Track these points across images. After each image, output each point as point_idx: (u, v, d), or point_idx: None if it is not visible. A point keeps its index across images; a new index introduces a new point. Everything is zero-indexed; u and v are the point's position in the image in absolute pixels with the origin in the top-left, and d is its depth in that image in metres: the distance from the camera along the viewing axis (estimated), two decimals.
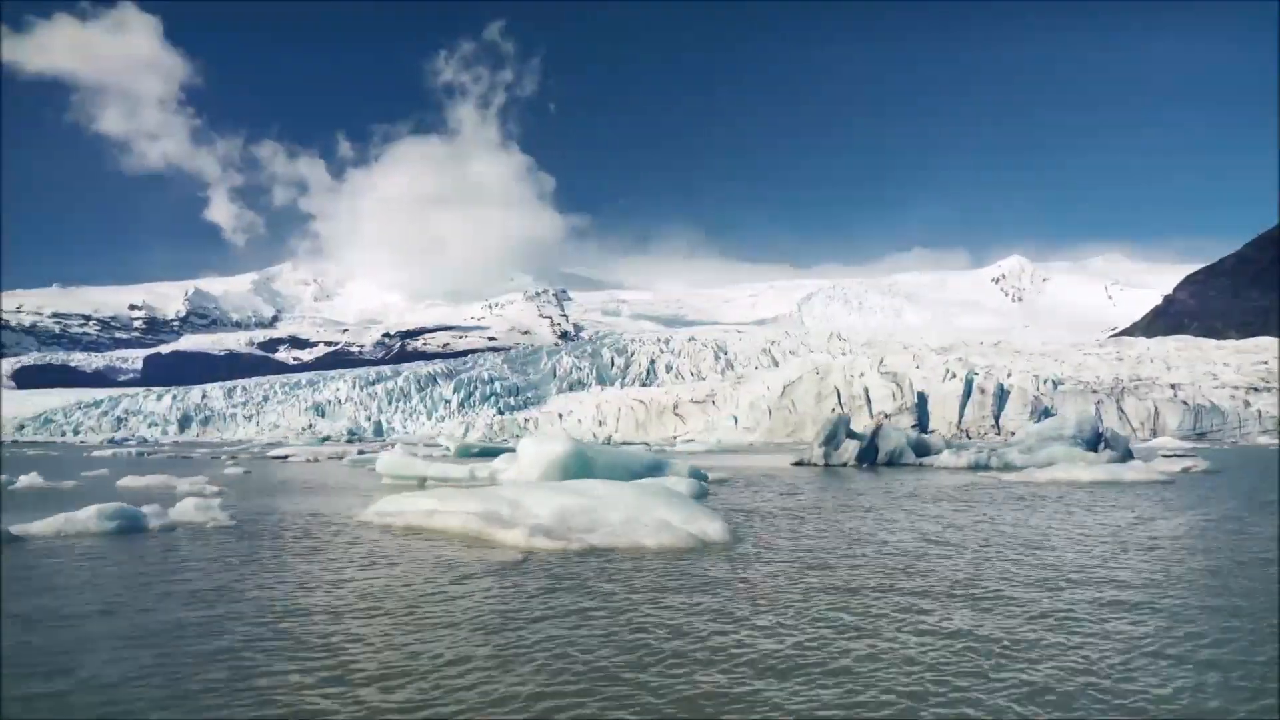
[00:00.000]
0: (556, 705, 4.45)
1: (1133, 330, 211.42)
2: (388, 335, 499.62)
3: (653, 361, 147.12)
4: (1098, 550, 9.14)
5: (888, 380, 75.13)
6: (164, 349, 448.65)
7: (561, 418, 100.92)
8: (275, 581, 7.73)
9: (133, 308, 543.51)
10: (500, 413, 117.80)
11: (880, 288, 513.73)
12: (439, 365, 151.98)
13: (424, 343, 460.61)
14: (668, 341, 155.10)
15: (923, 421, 71.54)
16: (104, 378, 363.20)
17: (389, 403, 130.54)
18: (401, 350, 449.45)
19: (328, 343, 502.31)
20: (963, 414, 72.87)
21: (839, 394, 75.39)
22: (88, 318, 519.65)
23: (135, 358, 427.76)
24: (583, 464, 17.31)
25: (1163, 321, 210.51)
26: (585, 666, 5.04)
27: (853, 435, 30.38)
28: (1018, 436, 33.50)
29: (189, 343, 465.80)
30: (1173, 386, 73.89)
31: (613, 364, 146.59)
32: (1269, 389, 71.54)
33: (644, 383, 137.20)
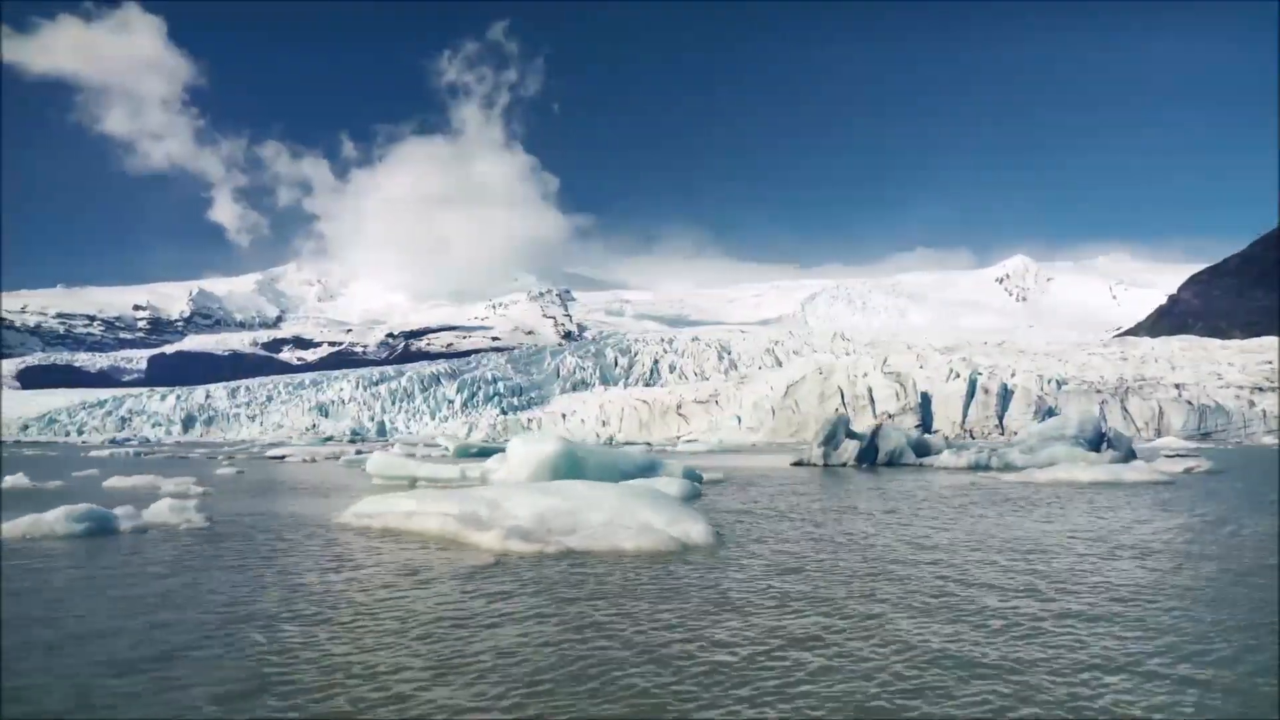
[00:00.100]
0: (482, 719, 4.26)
1: (1137, 330, 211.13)
2: (391, 335, 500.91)
3: (656, 361, 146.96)
4: (1088, 555, 8.85)
5: (891, 380, 74.84)
6: (168, 349, 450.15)
7: (565, 418, 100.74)
8: (229, 586, 7.52)
9: (137, 308, 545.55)
10: (504, 413, 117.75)
11: (884, 288, 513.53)
12: (443, 365, 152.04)
13: (428, 343, 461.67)
14: (671, 341, 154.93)
15: (926, 421, 71.24)
16: (108, 378, 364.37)
17: (392, 403, 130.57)
18: (405, 350, 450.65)
19: (331, 343, 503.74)
20: (966, 414, 72.55)
21: (842, 394, 75.14)
22: (92, 318, 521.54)
23: (139, 358, 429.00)
24: (573, 464, 16.99)
25: (1167, 321, 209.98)
26: (525, 676, 4.85)
27: (852, 435, 30.13)
28: (1019, 436, 33.16)
29: (193, 343, 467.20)
30: (1177, 386, 73.46)
31: (616, 364, 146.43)
32: (1274, 389, 71.09)
33: (647, 383, 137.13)
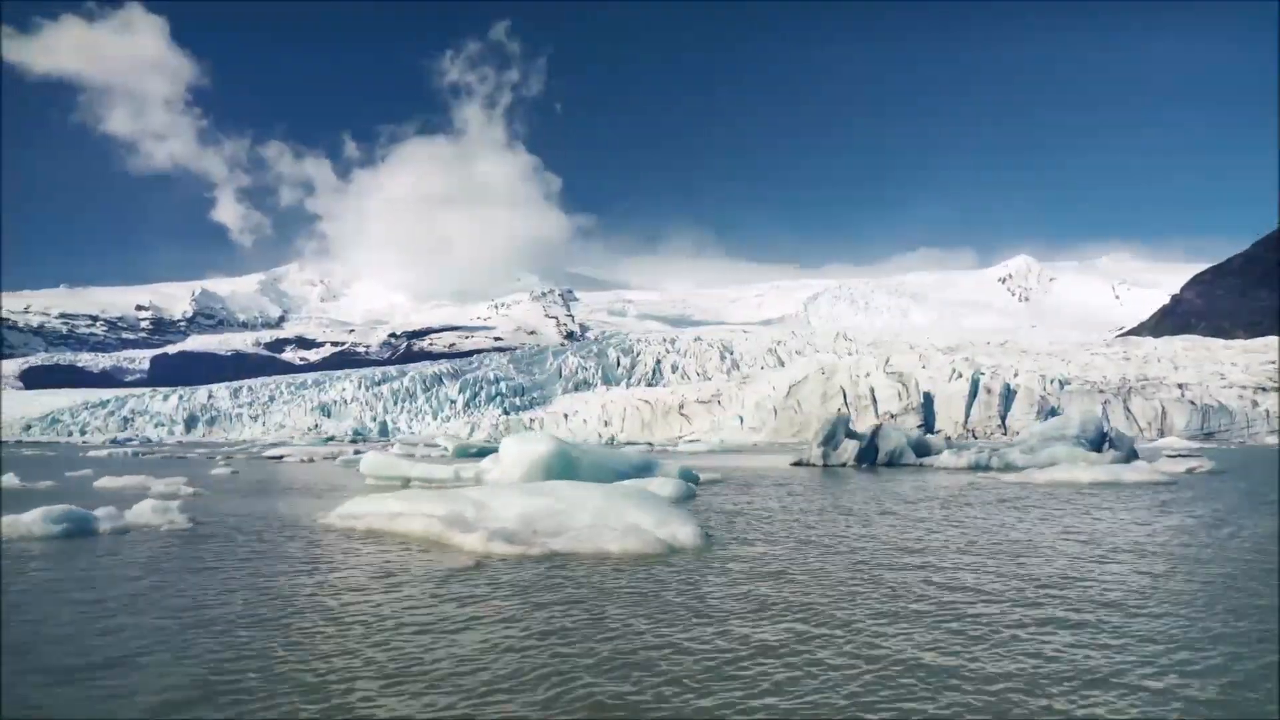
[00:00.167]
0: None
1: (1140, 330, 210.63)
2: (394, 335, 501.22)
3: (658, 361, 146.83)
4: (1080, 559, 8.65)
5: (893, 380, 74.72)
6: (171, 349, 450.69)
7: (567, 418, 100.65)
8: (196, 589, 7.35)
9: (140, 308, 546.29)
10: (506, 413, 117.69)
11: (886, 288, 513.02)
12: (445, 365, 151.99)
13: (430, 343, 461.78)
14: (673, 341, 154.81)
15: (929, 421, 71.12)
16: (111, 378, 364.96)
17: (395, 403, 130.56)
18: (408, 350, 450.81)
19: (334, 343, 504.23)
20: (969, 414, 72.39)
21: (845, 394, 75.04)
22: (95, 318, 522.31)
23: (142, 358, 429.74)
24: (566, 464, 16.86)
25: (1170, 321, 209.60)
26: (478, 685, 4.69)
27: (852, 435, 29.96)
28: (1020, 436, 32.95)
29: (196, 343, 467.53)
30: (1180, 386, 73.22)
31: (618, 364, 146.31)
32: (1277, 389, 70.82)
33: (650, 383, 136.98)
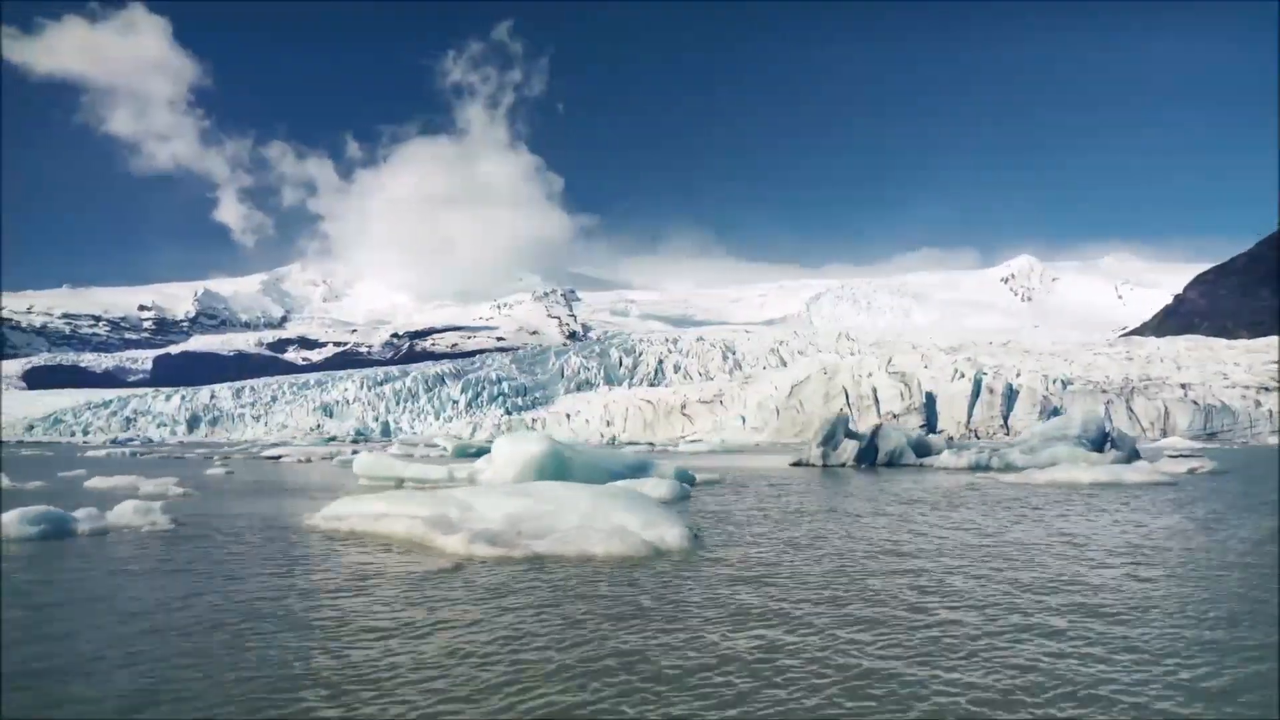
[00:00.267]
0: None
1: (1143, 330, 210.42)
2: (396, 335, 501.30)
3: (661, 361, 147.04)
4: (1073, 562, 8.43)
5: (896, 380, 74.96)
6: (173, 349, 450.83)
7: (569, 418, 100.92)
8: (160, 592, 7.19)
9: (142, 308, 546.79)
10: (508, 413, 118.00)
11: (889, 288, 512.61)
12: (447, 365, 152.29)
13: (432, 343, 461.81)
14: (676, 341, 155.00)
15: (931, 421, 71.35)
16: (114, 378, 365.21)
17: (397, 403, 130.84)
18: (410, 350, 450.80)
19: (336, 343, 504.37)
20: (971, 414, 72.59)
21: (847, 394, 75.28)
22: (98, 318, 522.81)
23: (145, 358, 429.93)
24: (559, 464, 16.71)
25: (1173, 321, 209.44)
26: (430, 694, 4.53)
27: (852, 435, 29.96)
28: (1021, 436, 32.98)
29: (198, 343, 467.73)
30: (1183, 386, 73.40)
31: (621, 364, 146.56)
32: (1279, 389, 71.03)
33: (652, 383, 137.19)
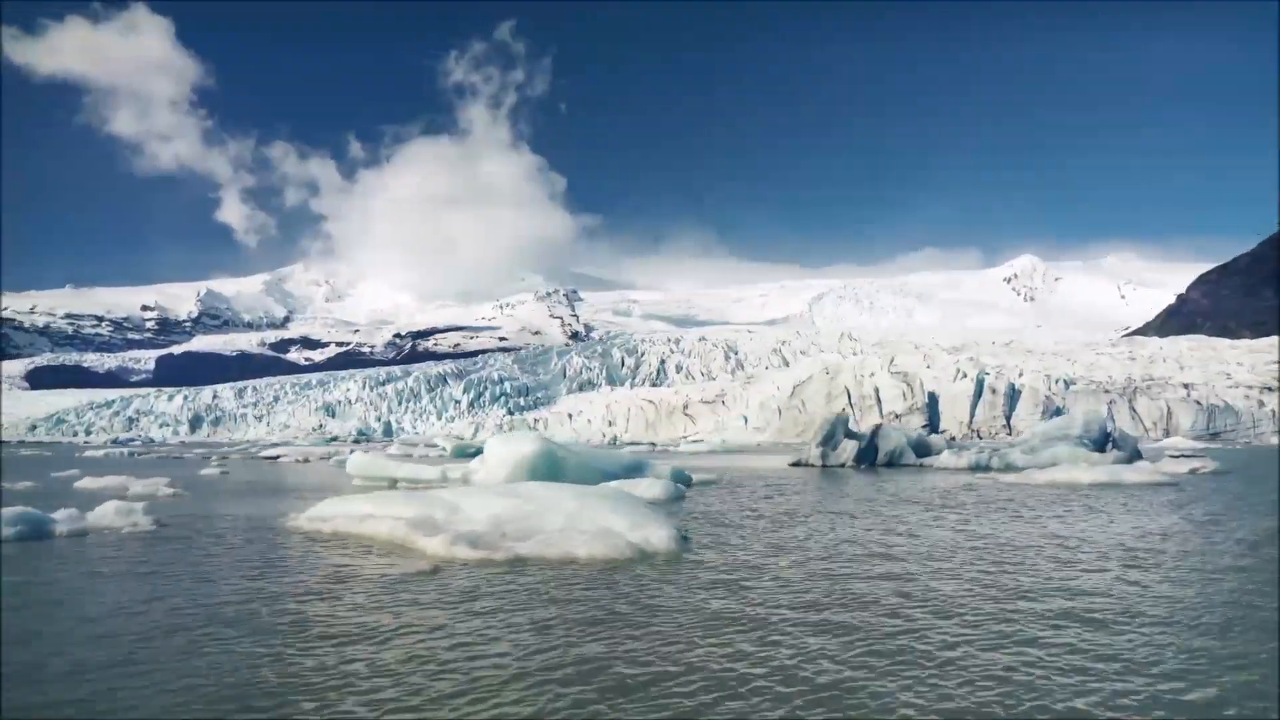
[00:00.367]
0: None
1: (1145, 330, 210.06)
2: (398, 336, 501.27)
3: (663, 362, 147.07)
4: (1064, 565, 8.27)
5: (898, 380, 74.91)
6: (176, 349, 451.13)
7: (571, 418, 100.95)
8: (122, 593, 7.11)
9: (145, 308, 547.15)
10: (510, 413, 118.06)
11: (891, 288, 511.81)
12: (449, 365, 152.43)
13: (435, 343, 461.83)
14: (678, 341, 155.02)
15: (933, 421, 71.29)
16: (116, 378, 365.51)
17: (399, 403, 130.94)
18: (412, 350, 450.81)
19: (339, 343, 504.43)
20: (974, 414, 72.53)
21: (849, 394, 75.22)
22: (100, 319, 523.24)
23: (147, 358, 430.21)
24: (552, 465, 16.60)
25: (1176, 321, 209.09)
26: (381, 702, 4.43)
27: (851, 435, 29.89)
28: (1023, 436, 32.90)
29: (201, 343, 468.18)
30: (1186, 386, 73.32)
31: (623, 364, 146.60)
32: None
33: (654, 383, 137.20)
